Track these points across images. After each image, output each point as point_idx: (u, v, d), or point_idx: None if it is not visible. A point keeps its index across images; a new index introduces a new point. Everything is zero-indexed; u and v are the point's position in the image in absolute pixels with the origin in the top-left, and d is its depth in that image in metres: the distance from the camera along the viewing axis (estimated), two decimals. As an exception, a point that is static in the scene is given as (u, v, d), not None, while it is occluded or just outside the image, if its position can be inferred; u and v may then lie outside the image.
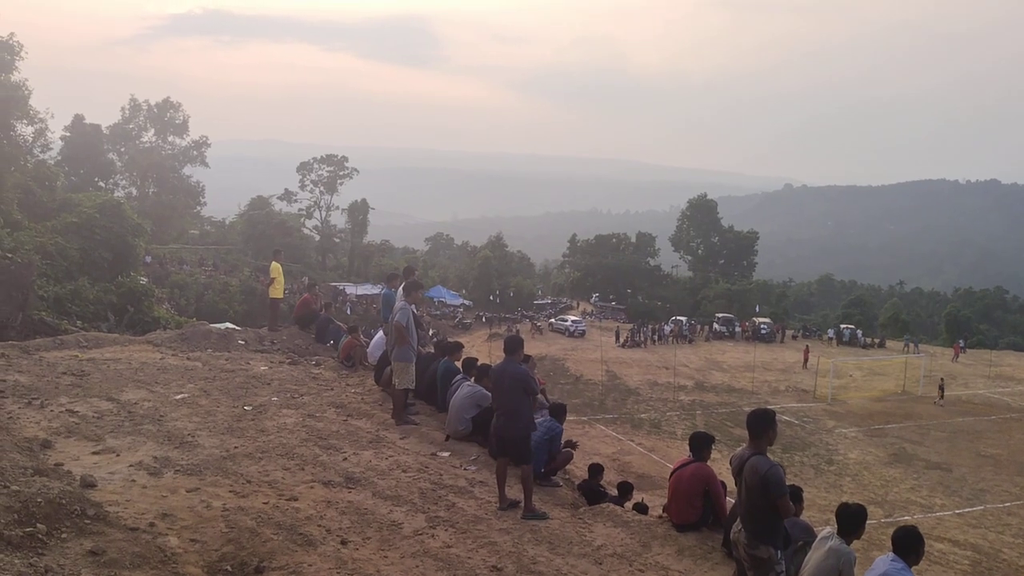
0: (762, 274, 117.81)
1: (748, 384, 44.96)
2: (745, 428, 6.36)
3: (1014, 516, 25.07)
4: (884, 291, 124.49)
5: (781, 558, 6.05)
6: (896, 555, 5.79)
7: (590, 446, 29.48)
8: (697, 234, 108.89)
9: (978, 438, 35.26)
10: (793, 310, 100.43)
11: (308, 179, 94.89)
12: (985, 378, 51.71)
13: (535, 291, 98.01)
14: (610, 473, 23.88)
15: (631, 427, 34.16)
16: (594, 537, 8.01)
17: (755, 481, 5.94)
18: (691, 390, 43.18)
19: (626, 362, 51.46)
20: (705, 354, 57.52)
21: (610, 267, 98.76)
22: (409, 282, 11.90)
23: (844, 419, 37.70)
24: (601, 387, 42.89)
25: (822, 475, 28.35)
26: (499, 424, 8.52)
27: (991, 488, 28.01)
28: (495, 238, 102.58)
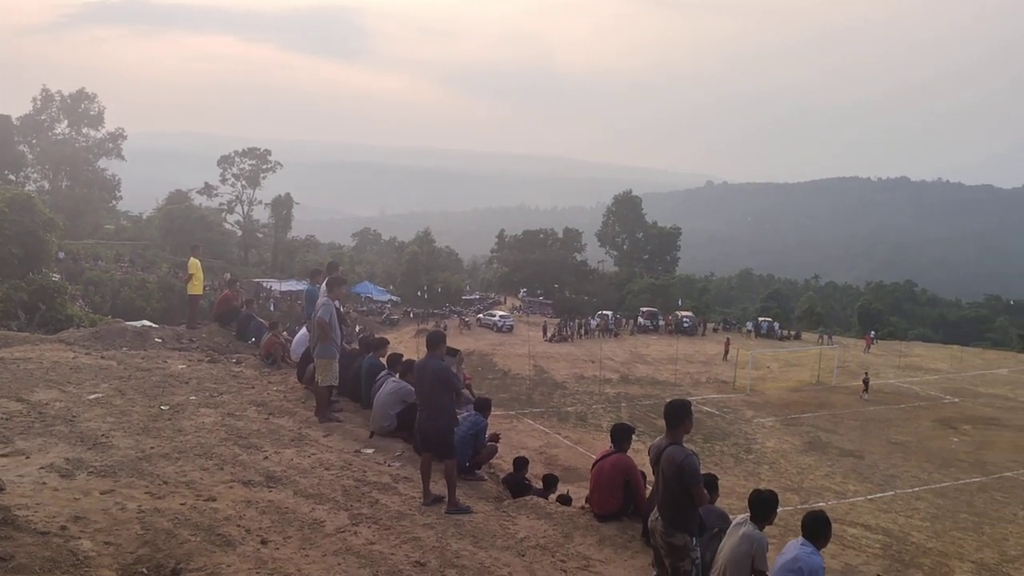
0: (685, 269, 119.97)
1: (671, 376, 45.82)
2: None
3: (922, 500, 26.17)
4: (800, 285, 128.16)
5: (696, 544, 6.22)
6: (806, 539, 6.01)
7: (517, 440, 29.64)
8: (623, 230, 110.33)
9: (888, 426, 36.68)
10: (714, 304, 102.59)
11: (229, 173, 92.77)
12: (895, 368, 53.78)
13: (463, 287, 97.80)
14: (537, 466, 24.05)
15: (558, 420, 34.47)
16: (517, 529, 8.10)
17: (671, 470, 6.09)
18: (616, 383, 43.78)
19: (553, 356, 51.88)
20: (630, 347, 58.39)
21: (538, 262, 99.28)
22: (332, 278, 11.79)
23: (762, 409, 38.76)
24: (529, 381, 43.15)
25: (741, 464, 29.11)
26: (421, 419, 8.54)
27: (901, 474, 29.17)
28: (423, 233, 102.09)
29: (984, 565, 20.84)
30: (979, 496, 27.12)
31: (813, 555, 5.88)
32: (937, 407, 41.87)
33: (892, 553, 21.03)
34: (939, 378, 51.28)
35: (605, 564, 7.46)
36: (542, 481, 11.68)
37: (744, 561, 6.37)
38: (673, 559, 6.18)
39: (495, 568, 7.05)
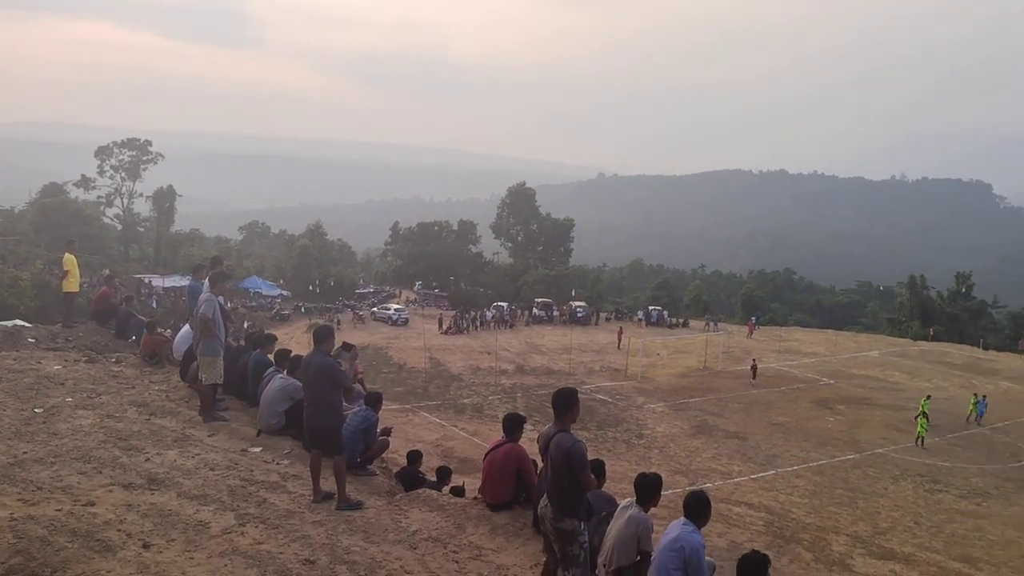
0: (578, 260, 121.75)
1: (565, 366, 46.50)
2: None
3: (801, 478, 27.44)
4: (688, 274, 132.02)
5: (584, 529, 6.36)
6: (687, 519, 6.25)
7: (413, 433, 29.54)
8: (517, 222, 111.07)
9: (770, 408, 38.27)
10: (607, 293, 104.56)
11: (108, 164, 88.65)
12: (776, 352, 56.11)
13: (357, 280, 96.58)
14: (433, 459, 24.04)
15: (454, 412, 34.49)
16: (409, 523, 8.09)
17: (559, 457, 6.21)
18: (512, 374, 44.13)
19: (449, 349, 51.85)
20: (525, 338, 58.93)
21: (433, 255, 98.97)
22: (215, 273, 11.48)
23: (652, 395, 39.80)
24: (424, 374, 43.00)
25: (633, 449, 29.82)
26: (308, 416, 8.43)
27: (781, 454, 30.49)
28: (314, 226, 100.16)
29: (858, 537, 22.02)
30: (853, 472, 28.63)
31: (694, 534, 6.12)
32: (814, 389, 43.94)
33: (774, 529, 21.96)
34: (816, 361, 53.80)
35: (497, 553, 7.55)
36: (436, 474, 11.70)
37: (630, 543, 6.57)
38: (562, 544, 6.30)
39: (386, 562, 7.04)
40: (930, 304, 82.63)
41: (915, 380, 48.66)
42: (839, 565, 19.81)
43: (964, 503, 26.19)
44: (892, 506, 25.18)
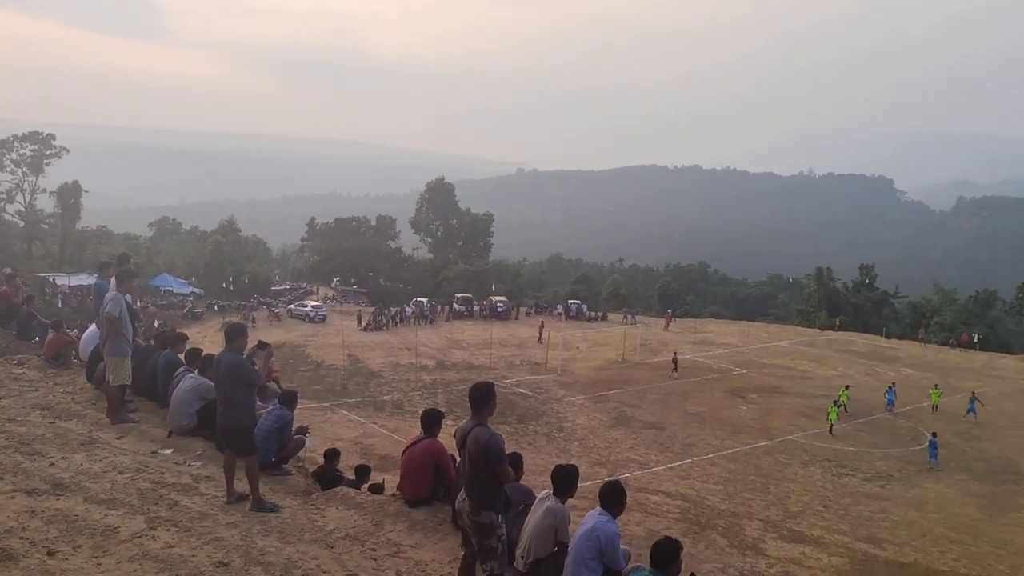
0: (498, 255, 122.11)
1: (486, 360, 46.61)
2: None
3: (716, 466, 28.16)
4: (606, 268, 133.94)
5: (502, 522, 6.41)
6: (603, 509, 6.36)
7: (332, 432, 29.20)
8: (436, 217, 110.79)
9: (686, 398, 39.15)
10: (527, 288, 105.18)
11: (8, 159, 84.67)
12: (691, 344, 57.39)
13: (272, 277, 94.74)
14: (352, 457, 23.84)
15: (374, 410, 34.21)
16: (326, 522, 8.02)
17: (477, 451, 6.24)
18: (433, 369, 44.00)
19: (368, 345, 51.39)
20: (446, 333, 58.83)
21: (351, 250, 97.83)
22: (122, 271, 11.13)
23: (572, 388, 40.25)
24: (343, 372, 42.52)
25: (553, 441, 30.10)
26: (220, 415, 8.26)
27: (697, 442, 31.22)
28: (227, 222, 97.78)
29: (770, 522, 22.72)
30: (765, 459, 29.53)
31: (609, 523, 6.23)
32: (728, 379, 45.13)
33: (690, 516, 22.48)
34: (730, 352, 55.25)
35: (415, 549, 7.54)
36: (354, 472, 11.62)
37: (548, 534, 6.65)
38: (480, 537, 6.34)
39: (303, 562, 6.96)
40: (836, 295, 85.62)
41: (823, 369, 50.45)
42: (752, 549, 20.41)
43: (869, 486, 27.29)
44: (802, 490, 26.06)
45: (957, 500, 26.47)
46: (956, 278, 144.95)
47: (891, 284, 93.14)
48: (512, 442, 28.08)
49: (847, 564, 20.04)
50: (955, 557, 21.20)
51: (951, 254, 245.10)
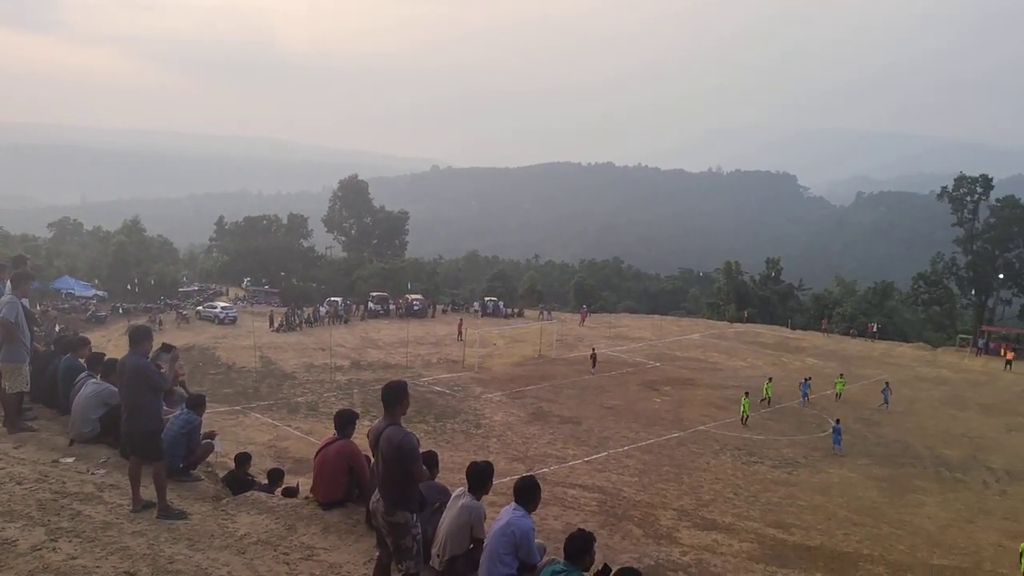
0: (414, 252, 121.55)
1: (403, 359, 46.30)
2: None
3: (631, 458, 28.65)
4: (522, 265, 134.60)
5: (417, 521, 6.40)
6: (517, 504, 6.41)
7: (244, 435, 28.61)
8: (350, 215, 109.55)
9: (602, 392, 39.70)
10: (443, 285, 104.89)
11: None
12: (607, 338, 58.21)
13: (180, 278, 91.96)
14: (266, 460, 23.37)
15: (288, 412, 33.60)
16: (237, 527, 7.84)
17: (390, 451, 6.21)
18: (348, 370, 43.47)
19: (281, 347, 50.43)
20: (361, 333, 58.18)
21: (262, 250, 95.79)
22: (18, 273, 10.63)
23: (490, 385, 40.35)
24: (255, 374, 41.62)
25: (471, 439, 30.12)
26: (125, 421, 8.00)
27: (613, 435, 31.71)
28: (132, 222, 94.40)
29: (684, 511, 23.27)
30: (679, 449, 30.21)
31: (524, 518, 6.28)
32: (642, 372, 45.98)
33: (607, 508, 22.83)
34: (643, 345, 56.30)
35: (329, 551, 7.45)
36: (267, 476, 11.41)
37: (463, 531, 6.66)
38: (395, 537, 6.30)
39: (213, 569, 6.80)
40: (744, 288, 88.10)
41: (732, 360, 51.89)
42: (667, 538, 20.86)
43: (777, 473, 28.21)
44: (713, 479, 26.76)
45: (860, 484, 27.60)
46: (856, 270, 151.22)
47: (796, 277, 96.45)
48: (430, 440, 28.00)
49: (757, 549, 20.68)
50: (858, 539, 22.12)
51: (851, 247, 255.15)
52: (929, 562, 20.86)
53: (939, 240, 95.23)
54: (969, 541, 22.72)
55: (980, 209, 75.71)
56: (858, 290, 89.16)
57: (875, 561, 20.56)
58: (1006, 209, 73.50)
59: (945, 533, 23.24)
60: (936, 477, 29.14)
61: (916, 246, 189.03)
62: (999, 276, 73.05)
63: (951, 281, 76.62)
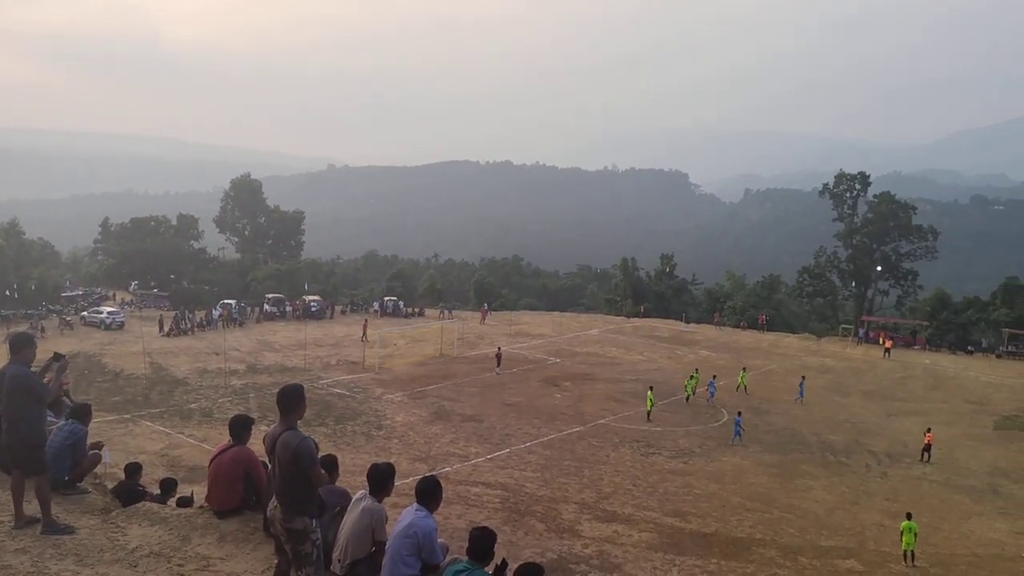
0: (310, 253, 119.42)
1: (301, 362, 45.44)
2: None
3: (533, 454, 28.96)
4: (422, 264, 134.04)
5: (316, 526, 6.31)
6: (419, 504, 6.39)
7: (135, 444, 27.66)
8: (243, 215, 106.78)
9: (503, 390, 39.95)
10: (341, 286, 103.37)
11: None
12: (507, 336, 58.59)
13: (63, 282, 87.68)
14: (158, 470, 22.64)
15: (180, 419, 32.52)
16: (128, 540, 7.56)
17: (287, 456, 6.10)
18: (243, 374, 42.38)
19: (173, 352, 48.72)
20: (257, 336, 56.80)
21: (150, 252, 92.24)
22: None
23: (391, 385, 40.04)
24: (145, 381, 40.07)
25: (373, 440, 29.83)
26: (5, 434, 7.60)
27: (515, 432, 31.96)
28: (9, 224, 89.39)
29: (585, 504, 23.68)
30: (579, 444, 30.70)
31: (426, 518, 6.28)
32: (543, 368, 46.49)
33: (510, 505, 23.03)
34: (544, 342, 56.92)
35: (226, 561, 7.26)
36: (159, 486, 11.06)
37: (365, 534, 6.61)
38: (294, 544, 6.20)
39: (103, 584, 6.55)
40: (640, 284, 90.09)
41: (630, 355, 53.02)
42: (569, 532, 21.20)
43: (674, 463, 29.02)
44: (613, 472, 27.32)
45: (752, 471, 28.67)
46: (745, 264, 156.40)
47: (689, 272, 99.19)
48: (330, 443, 27.61)
49: (656, 538, 21.25)
50: (751, 524, 22.98)
51: (741, 242, 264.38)
52: (817, 544, 21.86)
53: (822, 235, 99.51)
54: (854, 522, 23.91)
55: (859, 205, 79.77)
56: (748, 284, 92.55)
57: (767, 545, 21.41)
58: (882, 205, 77.65)
59: (831, 515, 24.39)
60: (822, 462, 30.54)
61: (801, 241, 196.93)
62: (877, 268, 77.06)
63: (833, 274, 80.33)
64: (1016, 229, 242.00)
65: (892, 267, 77.02)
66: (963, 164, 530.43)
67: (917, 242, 77.26)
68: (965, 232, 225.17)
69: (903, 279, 77.03)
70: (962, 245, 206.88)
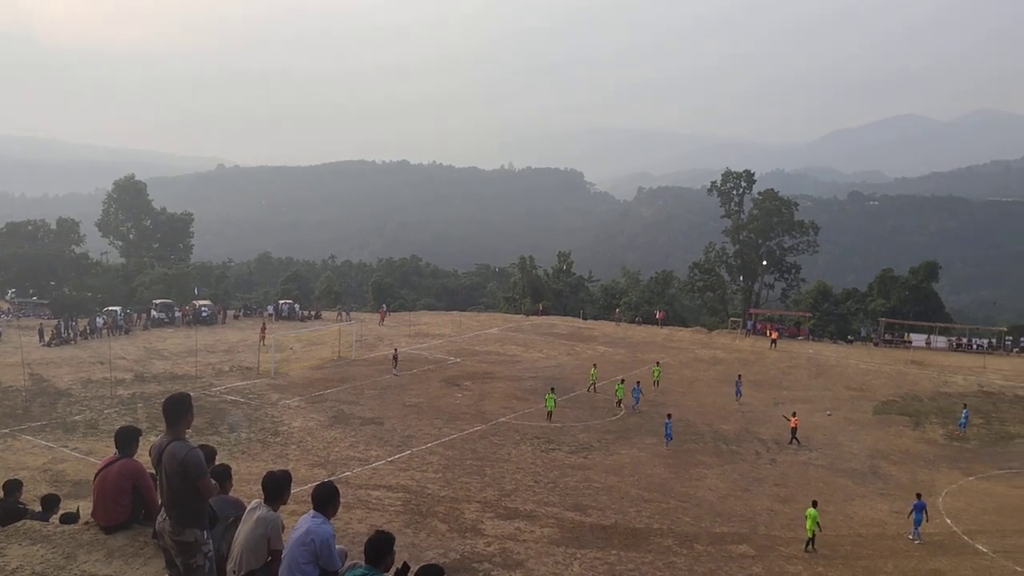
0: (200, 256, 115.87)
1: (192, 369, 44.00)
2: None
3: (434, 455, 28.91)
4: (319, 265, 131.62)
5: (208, 538, 6.16)
6: (316, 511, 6.31)
7: (15, 460, 26.45)
8: (127, 218, 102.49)
9: (403, 391, 39.70)
10: (234, 290, 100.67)
11: None
12: (407, 337, 58.23)
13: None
14: (40, 486, 21.65)
15: (64, 432, 31.02)
16: (7, 561, 7.18)
17: (174, 467, 5.94)
18: (131, 383, 40.72)
19: (54, 362, 46.35)
20: (144, 343, 54.64)
21: (27, 258, 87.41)
22: None
23: (287, 391, 39.23)
24: (25, 393, 37.98)
25: (269, 448, 29.17)
26: None
27: (416, 434, 31.83)
28: None
29: (487, 503, 23.82)
30: (481, 442, 30.83)
31: (323, 525, 6.20)
32: (443, 368, 46.42)
33: (412, 507, 22.95)
34: (444, 342, 56.83)
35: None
36: (41, 502, 10.53)
37: (260, 544, 6.47)
38: (184, 557, 6.04)
39: (-21, 610, 6.22)
40: (538, 282, 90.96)
41: (530, 352, 53.52)
42: (472, 531, 21.29)
43: (574, 458, 29.49)
44: (515, 469, 27.58)
45: (648, 462, 29.43)
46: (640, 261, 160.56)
47: (586, 269, 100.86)
48: (225, 452, 26.87)
49: (557, 533, 21.59)
50: (649, 514, 23.61)
51: (635, 239, 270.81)
52: (712, 530, 22.63)
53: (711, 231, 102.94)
54: (746, 508, 24.86)
55: (745, 202, 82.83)
56: (642, 280, 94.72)
57: (664, 534, 22.03)
58: (767, 202, 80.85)
59: (725, 502, 25.28)
60: (715, 451, 31.61)
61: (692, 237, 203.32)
62: (763, 263, 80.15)
63: (722, 269, 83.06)
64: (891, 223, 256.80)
65: (777, 261, 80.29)
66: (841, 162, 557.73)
67: (800, 237, 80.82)
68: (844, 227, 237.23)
69: (787, 272, 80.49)
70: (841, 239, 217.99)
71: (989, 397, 43.45)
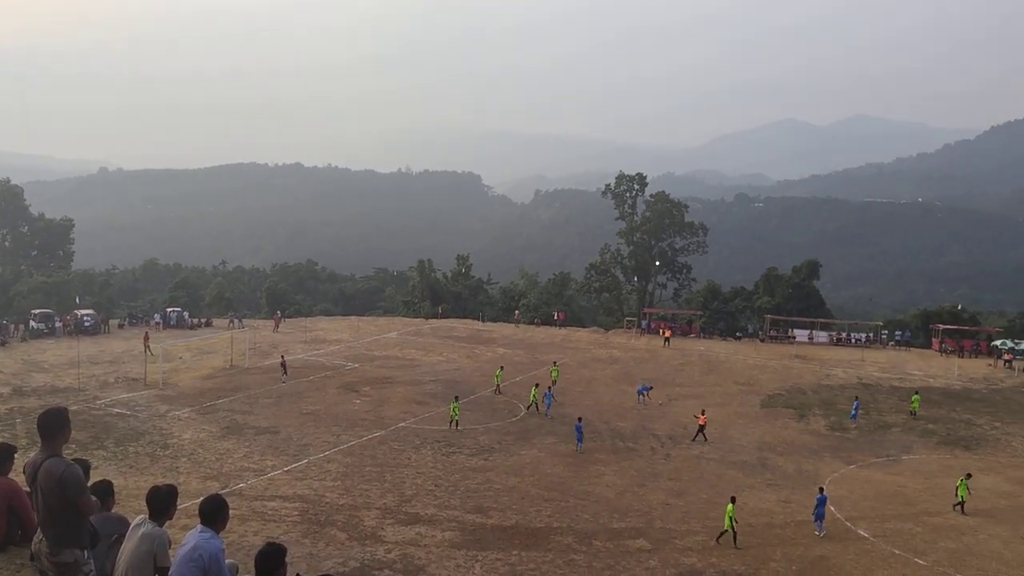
0: (82, 263, 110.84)
1: (74, 381, 41.93)
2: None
3: (332, 463, 28.43)
4: (209, 271, 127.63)
5: (89, 558, 5.89)
6: (204, 525, 6.11)
7: None
8: (2, 224, 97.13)
9: (300, 399, 38.88)
10: (119, 298, 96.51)
11: None
12: (303, 343, 57.11)
13: None
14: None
15: (-70, 453, 29.04)
16: None
17: (51, 485, 5.65)
18: (8, 398, 38.46)
19: (-81, 379, 43.43)
20: (22, 356, 51.73)
21: None
22: None
23: (176, 401, 37.85)
24: None
25: (158, 461, 28.06)
26: None
27: (313, 442, 31.21)
28: None
29: (387, 509, 23.58)
30: (380, 448, 30.50)
31: (212, 540, 6.01)
32: (341, 375, 45.70)
33: (309, 517, 22.50)
34: (341, 348, 55.97)
35: (-13, 605, 6.60)
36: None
37: (146, 561, 6.22)
38: (64, 579, 5.75)
39: None
40: (438, 285, 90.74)
41: (429, 356, 53.28)
42: (371, 538, 21.04)
43: (474, 460, 29.51)
44: (416, 474, 27.40)
45: (548, 462, 29.73)
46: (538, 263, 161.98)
47: (484, 272, 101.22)
48: (111, 467, 25.77)
49: (459, 536, 21.58)
50: (549, 514, 23.85)
51: (532, 241, 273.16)
52: (610, 526, 23.04)
53: (607, 233, 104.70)
54: (642, 503, 25.41)
55: (638, 204, 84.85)
56: (540, 282, 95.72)
57: (564, 532, 22.31)
58: (658, 204, 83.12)
59: (622, 498, 25.78)
60: (612, 448, 32.19)
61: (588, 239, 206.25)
62: (656, 263, 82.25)
63: (617, 269, 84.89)
64: (775, 224, 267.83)
65: (669, 261, 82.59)
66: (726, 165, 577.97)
67: (690, 238, 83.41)
68: (731, 227, 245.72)
69: (679, 272, 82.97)
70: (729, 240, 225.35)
71: (867, 388, 45.76)
